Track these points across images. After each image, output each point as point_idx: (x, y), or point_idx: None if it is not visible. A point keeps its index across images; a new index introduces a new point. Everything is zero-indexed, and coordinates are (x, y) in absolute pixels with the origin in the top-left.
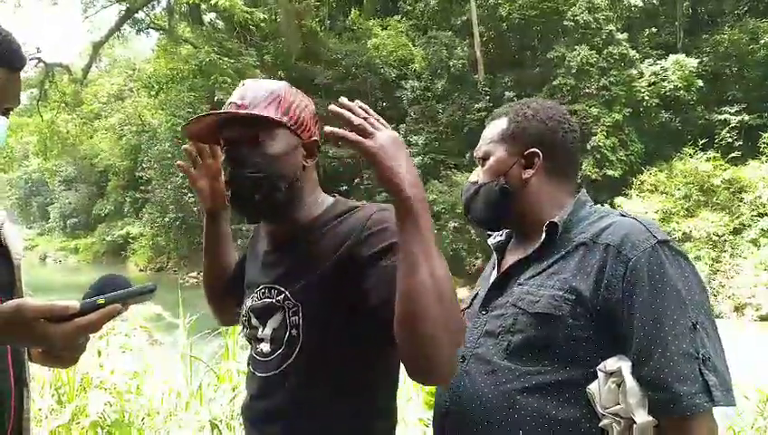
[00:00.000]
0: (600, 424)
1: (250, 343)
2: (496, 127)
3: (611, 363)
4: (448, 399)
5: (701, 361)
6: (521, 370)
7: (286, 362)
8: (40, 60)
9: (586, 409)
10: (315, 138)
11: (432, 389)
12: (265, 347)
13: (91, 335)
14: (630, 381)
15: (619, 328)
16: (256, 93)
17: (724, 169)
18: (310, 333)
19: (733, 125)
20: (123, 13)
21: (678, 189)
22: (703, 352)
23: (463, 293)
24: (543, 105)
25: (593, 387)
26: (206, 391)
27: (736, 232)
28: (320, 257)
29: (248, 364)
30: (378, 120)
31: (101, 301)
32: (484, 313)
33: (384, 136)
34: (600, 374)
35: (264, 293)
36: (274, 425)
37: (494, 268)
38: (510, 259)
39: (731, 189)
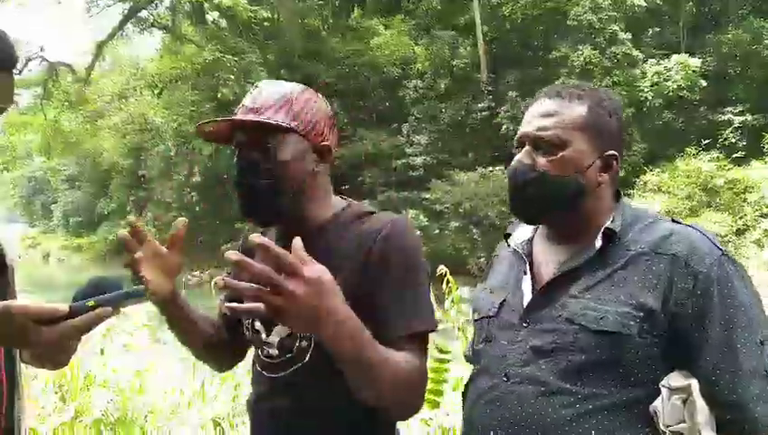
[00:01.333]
0: None
1: (254, 346)
2: (572, 111)
3: (676, 380)
4: (495, 423)
5: None
6: (582, 392)
7: (294, 366)
8: (43, 58)
9: (648, 427)
10: (327, 142)
11: (433, 388)
12: (273, 351)
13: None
14: (700, 400)
15: (688, 344)
16: (268, 97)
17: (728, 170)
18: (321, 344)
19: (736, 125)
20: (126, 12)
21: (681, 189)
22: None
23: (464, 292)
24: (613, 98)
25: (657, 404)
26: (208, 389)
27: (740, 233)
28: (331, 265)
29: (254, 363)
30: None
31: (92, 303)
32: (525, 325)
33: (317, 269)
34: (664, 391)
35: None
36: (280, 424)
37: (524, 273)
38: (549, 265)
39: (734, 190)
